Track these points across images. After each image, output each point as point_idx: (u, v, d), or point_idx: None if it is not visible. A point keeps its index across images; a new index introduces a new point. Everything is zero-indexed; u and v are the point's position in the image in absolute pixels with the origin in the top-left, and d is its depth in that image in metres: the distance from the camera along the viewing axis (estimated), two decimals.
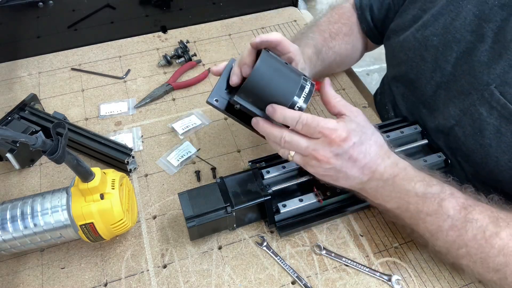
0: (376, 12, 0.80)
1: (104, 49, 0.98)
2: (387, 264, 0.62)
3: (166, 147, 0.78)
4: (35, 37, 1.02)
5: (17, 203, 0.58)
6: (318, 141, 0.54)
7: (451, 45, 0.64)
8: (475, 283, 0.61)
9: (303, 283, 0.60)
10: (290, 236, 0.65)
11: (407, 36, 0.71)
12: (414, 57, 0.70)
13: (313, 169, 0.57)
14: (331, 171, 0.56)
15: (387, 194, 0.57)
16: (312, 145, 0.54)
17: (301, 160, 0.57)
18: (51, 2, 1.07)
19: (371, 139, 0.55)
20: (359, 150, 0.54)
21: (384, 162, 0.56)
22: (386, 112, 0.81)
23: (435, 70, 0.67)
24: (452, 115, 0.65)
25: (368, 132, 0.56)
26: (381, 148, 0.56)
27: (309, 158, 0.55)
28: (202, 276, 0.61)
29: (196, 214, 0.60)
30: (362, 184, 0.57)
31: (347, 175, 0.56)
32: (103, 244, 0.65)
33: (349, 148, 0.53)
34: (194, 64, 0.94)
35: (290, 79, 0.56)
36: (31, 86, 0.90)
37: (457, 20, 0.64)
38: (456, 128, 0.64)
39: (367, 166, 0.55)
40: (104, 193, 0.56)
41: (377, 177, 0.56)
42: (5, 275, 0.62)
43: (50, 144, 0.47)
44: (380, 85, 0.89)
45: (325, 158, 0.54)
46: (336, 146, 0.53)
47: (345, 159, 0.54)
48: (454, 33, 0.64)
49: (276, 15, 1.09)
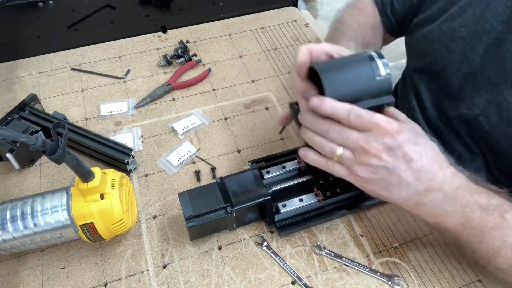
0: (398, 6, 0.81)
1: (104, 49, 0.98)
2: (387, 264, 0.62)
3: (166, 147, 0.78)
4: (35, 37, 1.02)
5: (17, 203, 0.58)
6: (370, 132, 0.48)
7: (480, 36, 0.64)
8: (475, 283, 0.61)
9: (303, 283, 0.60)
10: (290, 236, 0.65)
11: (432, 28, 0.71)
12: (439, 48, 0.70)
13: (361, 170, 0.50)
14: (382, 172, 0.49)
15: (450, 209, 0.50)
16: (364, 136, 0.48)
17: (350, 157, 0.50)
18: (51, 2, 1.07)
19: (427, 143, 0.50)
20: (414, 149, 0.48)
21: (443, 170, 0.50)
22: (408, 102, 0.79)
23: (462, 61, 0.67)
24: (477, 104, 0.64)
25: (423, 137, 0.51)
26: (438, 155, 0.50)
27: (358, 153, 0.49)
28: (202, 276, 0.61)
29: (196, 214, 0.60)
30: (419, 195, 0.50)
31: (400, 180, 0.49)
32: (103, 244, 0.65)
33: (403, 142, 0.47)
34: (194, 64, 0.94)
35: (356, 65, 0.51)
36: (31, 86, 0.90)
37: (487, 11, 0.64)
38: (480, 118, 0.64)
39: (423, 171, 0.48)
40: (104, 193, 0.56)
41: (436, 187, 0.49)
42: (5, 275, 0.62)
43: (50, 144, 0.47)
44: (400, 78, 0.89)
45: (376, 151, 0.47)
46: (389, 137, 0.47)
47: (399, 157, 0.48)
48: (484, 24, 0.64)
49: (276, 15, 1.09)
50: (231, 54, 0.98)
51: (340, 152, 0.50)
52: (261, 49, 0.99)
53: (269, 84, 0.91)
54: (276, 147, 0.78)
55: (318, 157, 0.53)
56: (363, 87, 0.51)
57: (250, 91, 0.89)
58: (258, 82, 0.91)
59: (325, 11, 2.66)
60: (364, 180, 0.51)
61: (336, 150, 0.50)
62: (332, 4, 2.70)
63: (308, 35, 1.03)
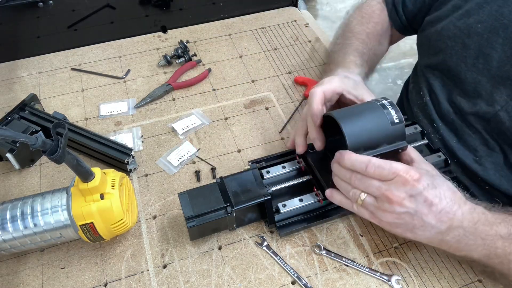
0: (410, 6, 0.81)
1: (104, 49, 0.98)
2: (387, 264, 0.62)
3: (166, 147, 0.78)
4: (35, 37, 1.02)
5: (17, 203, 0.58)
6: (391, 182, 0.51)
7: (497, 31, 0.65)
8: (475, 283, 0.61)
9: (303, 283, 0.60)
10: (290, 236, 0.65)
11: (446, 25, 0.72)
12: (454, 45, 0.70)
13: (385, 216, 0.53)
14: (405, 217, 0.51)
15: (472, 243, 0.53)
16: (385, 185, 0.51)
17: (373, 203, 0.53)
18: (51, 2, 1.07)
19: (444, 185, 0.53)
20: (433, 193, 0.51)
21: (461, 208, 0.52)
22: (421, 98, 0.79)
23: (478, 57, 0.67)
24: (497, 100, 0.65)
25: (439, 178, 0.53)
26: (455, 194, 0.53)
27: (381, 201, 0.52)
28: (202, 276, 0.61)
29: (196, 214, 0.60)
30: (442, 234, 0.53)
31: (423, 223, 0.51)
32: (103, 244, 0.65)
33: (423, 189, 0.50)
34: (194, 64, 0.94)
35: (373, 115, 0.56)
36: (31, 86, 0.90)
37: (505, 7, 0.65)
38: (501, 114, 0.64)
39: (444, 212, 0.51)
40: (104, 193, 0.56)
41: (457, 225, 0.52)
42: (5, 275, 0.62)
43: (50, 144, 0.47)
44: (412, 74, 0.89)
45: (398, 199, 0.50)
46: (410, 186, 0.50)
47: (420, 202, 0.50)
48: (501, 20, 0.64)
49: (276, 15, 1.09)
50: (231, 54, 0.98)
51: (363, 197, 0.54)
52: (261, 49, 0.99)
53: (269, 84, 0.91)
54: (276, 147, 0.78)
55: (344, 199, 0.57)
56: (380, 134, 0.56)
57: (250, 91, 0.89)
58: (258, 82, 0.91)
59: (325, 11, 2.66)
60: (388, 224, 0.54)
61: (360, 196, 0.54)
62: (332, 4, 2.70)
63: (308, 35, 1.03)
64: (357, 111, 0.57)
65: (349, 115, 0.57)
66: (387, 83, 2.21)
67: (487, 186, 0.68)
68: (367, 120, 0.56)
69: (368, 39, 0.81)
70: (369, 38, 0.81)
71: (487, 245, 0.53)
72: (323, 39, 1.02)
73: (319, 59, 0.96)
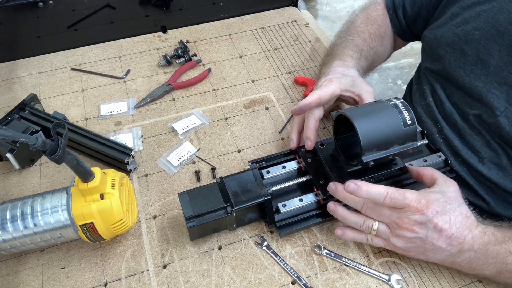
0: (409, 10, 0.83)
1: (104, 49, 0.98)
2: (387, 264, 0.62)
3: (166, 147, 0.78)
4: (35, 37, 1.02)
5: (17, 203, 0.58)
6: (402, 210, 0.54)
7: (494, 38, 0.66)
8: (475, 283, 0.61)
9: (303, 283, 0.60)
10: (290, 236, 0.65)
11: (445, 32, 0.73)
12: (453, 52, 0.71)
13: (398, 241, 0.57)
14: (417, 241, 0.55)
15: (482, 263, 0.56)
16: (396, 213, 0.55)
17: (386, 230, 0.57)
18: (51, 2, 1.07)
19: (456, 211, 0.55)
20: (443, 219, 0.54)
21: (472, 232, 0.55)
22: (425, 99, 0.80)
23: (476, 63, 0.68)
24: (497, 106, 0.65)
25: (453, 203, 0.56)
26: (467, 219, 0.55)
27: (393, 227, 0.56)
28: (202, 276, 0.61)
29: (196, 214, 0.60)
30: (453, 257, 0.56)
31: (434, 247, 0.55)
32: (103, 244, 0.65)
33: (433, 216, 0.54)
34: (194, 64, 0.94)
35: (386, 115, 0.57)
36: (31, 86, 0.90)
37: (500, 15, 0.66)
38: (500, 119, 0.65)
39: (454, 237, 0.54)
40: (104, 193, 0.56)
41: (467, 248, 0.55)
42: (5, 275, 0.62)
43: (50, 144, 0.47)
44: (415, 75, 0.90)
45: (409, 226, 0.54)
46: (419, 214, 0.53)
47: (430, 229, 0.54)
48: (498, 27, 0.65)
49: (276, 15, 1.09)
50: (231, 54, 0.98)
51: (376, 227, 0.57)
52: (261, 49, 0.99)
53: (269, 84, 0.91)
54: (276, 147, 0.78)
55: (357, 234, 0.60)
56: (393, 135, 0.56)
57: (250, 91, 0.89)
58: (258, 82, 0.91)
59: (325, 11, 2.66)
60: (401, 249, 0.58)
61: (373, 226, 0.58)
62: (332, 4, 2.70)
63: (308, 35, 1.03)
64: (371, 111, 0.58)
65: (363, 115, 0.57)
66: (387, 83, 2.21)
67: (492, 185, 0.69)
68: (381, 121, 0.56)
69: (370, 39, 0.83)
70: (371, 38, 0.83)
71: (498, 262, 0.55)
72: (323, 39, 1.02)
73: (319, 59, 0.96)
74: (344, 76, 0.72)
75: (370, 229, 0.58)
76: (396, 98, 0.58)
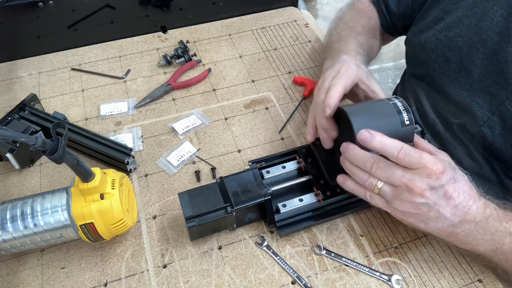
0: (394, 8, 0.81)
1: (104, 49, 0.98)
2: (387, 264, 0.62)
3: (166, 147, 0.78)
4: (35, 37, 1.02)
5: (17, 203, 0.58)
6: (416, 172, 0.50)
7: (477, 46, 0.64)
8: (475, 283, 0.61)
9: (303, 283, 0.60)
10: (290, 236, 0.65)
11: (428, 38, 0.71)
12: (436, 58, 0.70)
13: (401, 204, 0.52)
14: (422, 208, 0.51)
15: (480, 237, 0.54)
16: (409, 175, 0.51)
17: (391, 192, 0.52)
18: (51, 2, 1.07)
19: (463, 179, 0.53)
20: (454, 187, 0.51)
21: (476, 203, 0.52)
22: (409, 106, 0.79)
23: (460, 71, 0.67)
24: (479, 116, 0.64)
25: (459, 172, 0.53)
26: (472, 189, 0.53)
27: (401, 190, 0.51)
28: (202, 276, 0.61)
29: (196, 214, 0.60)
30: (453, 227, 0.53)
31: (439, 215, 0.52)
32: (103, 244, 0.65)
33: (446, 182, 0.50)
34: (194, 64, 0.94)
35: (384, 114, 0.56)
36: (31, 86, 0.90)
37: (483, 22, 0.64)
38: (483, 129, 0.64)
39: (459, 206, 0.52)
40: (104, 193, 0.56)
41: (469, 219, 0.52)
42: (5, 275, 0.62)
43: (50, 144, 0.47)
44: (400, 81, 0.89)
45: (420, 190, 0.50)
46: (434, 178, 0.50)
47: (440, 195, 0.51)
48: (480, 34, 0.64)
49: (276, 15, 1.09)
50: (231, 54, 0.98)
51: (380, 186, 0.53)
52: (261, 49, 0.99)
53: (269, 84, 0.91)
54: (276, 147, 0.78)
55: (357, 186, 0.56)
56: (389, 134, 0.54)
57: (250, 91, 0.89)
58: (258, 82, 0.91)
59: (325, 11, 2.66)
60: (402, 213, 0.53)
61: (377, 184, 0.53)
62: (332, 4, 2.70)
63: (308, 35, 1.03)
64: (369, 108, 0.57)
65: (361, 112, 0.56)
66: (387, 83, 2.21)
67: None
68: (378, 119, 0.55)
69: (363, 31, 0.79)
70: (364, 30, 0.80)
71: (495, 240, 0.53)
72: (324, 37, 1.02)
73: (319, 59, 0.96)
74: (360, 67, 0.65)
75: (373, 187, 0.53)
76: (396, 97, 0.58)
